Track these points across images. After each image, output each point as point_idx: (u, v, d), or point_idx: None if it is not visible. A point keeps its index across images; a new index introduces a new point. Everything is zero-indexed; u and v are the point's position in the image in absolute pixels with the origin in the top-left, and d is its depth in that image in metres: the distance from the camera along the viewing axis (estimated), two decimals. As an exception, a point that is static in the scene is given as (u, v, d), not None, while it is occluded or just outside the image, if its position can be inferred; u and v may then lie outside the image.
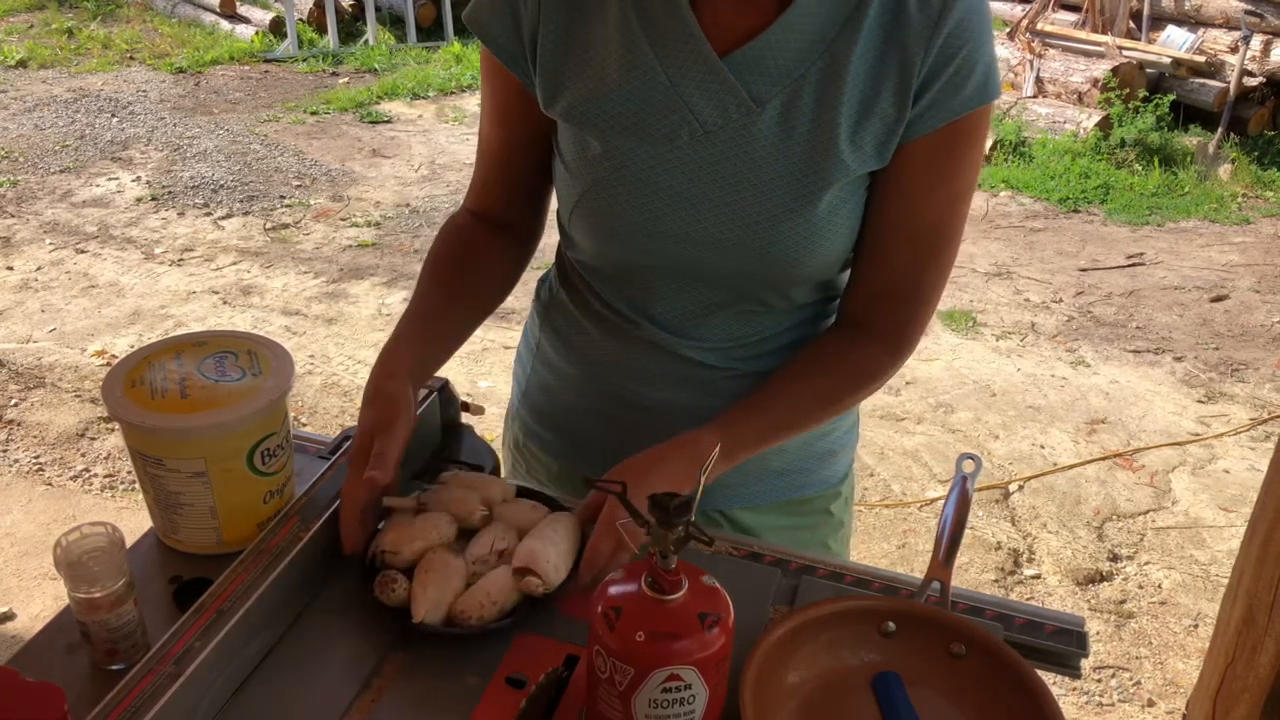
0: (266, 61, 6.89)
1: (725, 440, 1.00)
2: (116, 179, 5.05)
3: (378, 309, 3.96)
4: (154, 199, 4.85)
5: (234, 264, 4.29)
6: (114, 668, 0.92)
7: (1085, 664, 1.04)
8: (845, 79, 0.97)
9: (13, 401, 3.35)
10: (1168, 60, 5.98)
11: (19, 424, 3.24)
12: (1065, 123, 5.77)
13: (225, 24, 7.36)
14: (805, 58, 0.97)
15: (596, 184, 1.05)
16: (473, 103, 6.32)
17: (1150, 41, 6.28)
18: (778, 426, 1.07)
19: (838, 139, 0.98)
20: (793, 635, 0.94)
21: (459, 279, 1.15)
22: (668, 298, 1.12)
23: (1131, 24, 6.43)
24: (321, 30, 7.20)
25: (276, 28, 7.18)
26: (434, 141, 5.70)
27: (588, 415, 1.23)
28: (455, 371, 3.55)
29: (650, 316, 1.14)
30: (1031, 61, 6.16)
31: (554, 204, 1.18)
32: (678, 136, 1.00)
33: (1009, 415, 3.39)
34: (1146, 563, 2.81)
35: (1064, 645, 1.02)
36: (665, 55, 0.99)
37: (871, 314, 1.09)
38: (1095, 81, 5.86)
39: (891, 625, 0.97)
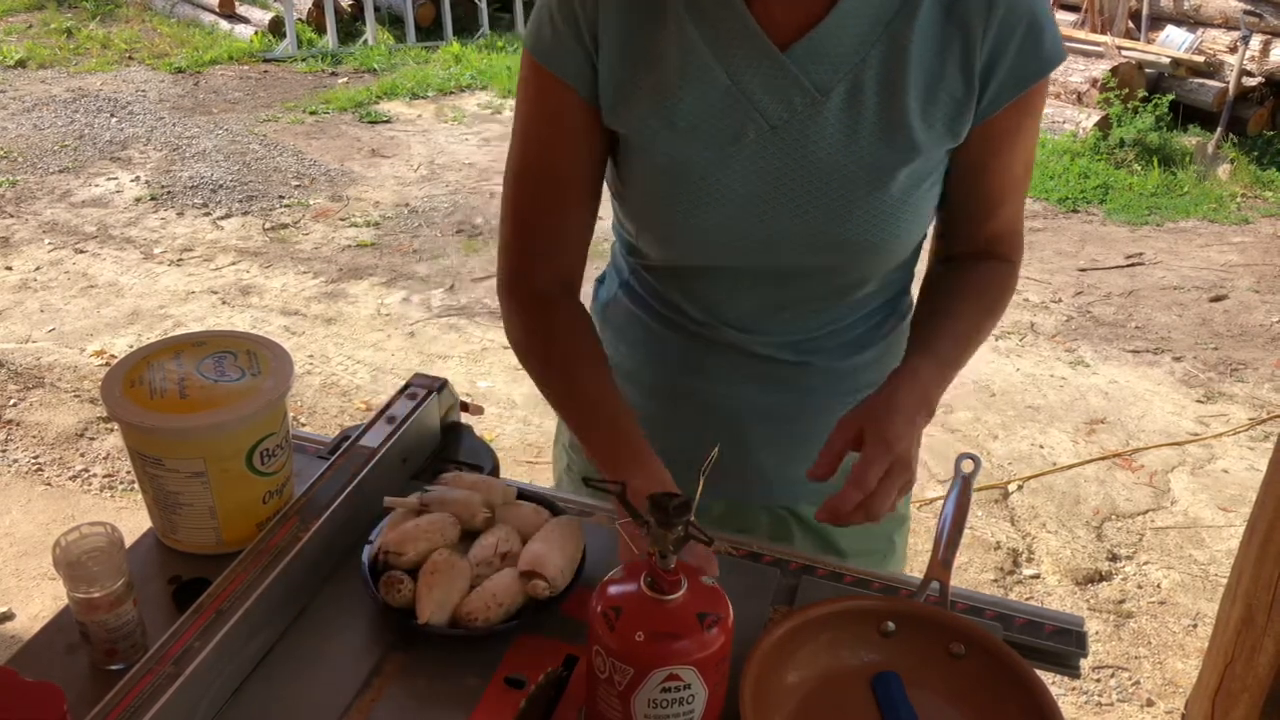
0: (266, 61, 6.89)
1: (938, 359, 1.02)
2: (115, 179, 5.05)
3: (377, 309, 3.96)
4: (153, 199, 4.84)
5: (233, 264, 4.29)
6: (113, 668, 0.92)
7: (1084, 664, 1.04)
8: (909, 59, 0.97)
9: (12, 401, 3.34)
10: (1167, 60, 5.98)
11: (18, 424, 3.24)
12: (1064, 122, 5.77)
13: (224, 24, 7.36)
14: (864, 42, 0.97)
15: (664, 194, 1.03)
16: (471, 102, 6.32)
17: (1149, 41, 6.28)
18: (963, 342, 1.07)
19: (908, 119, 0.98)
20: (792, 635, 0.94)
21: (603, 373, 1.10)
22: (740, 297, 1.11)
23: (1130, 24, 6.43)
24: (320, 30, 7.20)
25: (275, 28, 7.18)
26: (433, 141, 5.70)
27: (647, 415, 1.23)
28: (455, 372, 3.55)
29: (721, 317, 1.13)
30: (1031, 61, 6.14)
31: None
32: (744, 135, 0.99)
33: (1008, 415, 3.39)
34: (1146, 562, 2.81)
35: (1063, 645, 1.03)
36: (724, 54, 0.98)
37: (984, 245, 1.13)
38: (1094, 81, 5.86)
39: (891, 625, 0.97)
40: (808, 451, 1.16)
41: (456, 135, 5.81)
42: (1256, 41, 5.86)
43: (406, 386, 1.24)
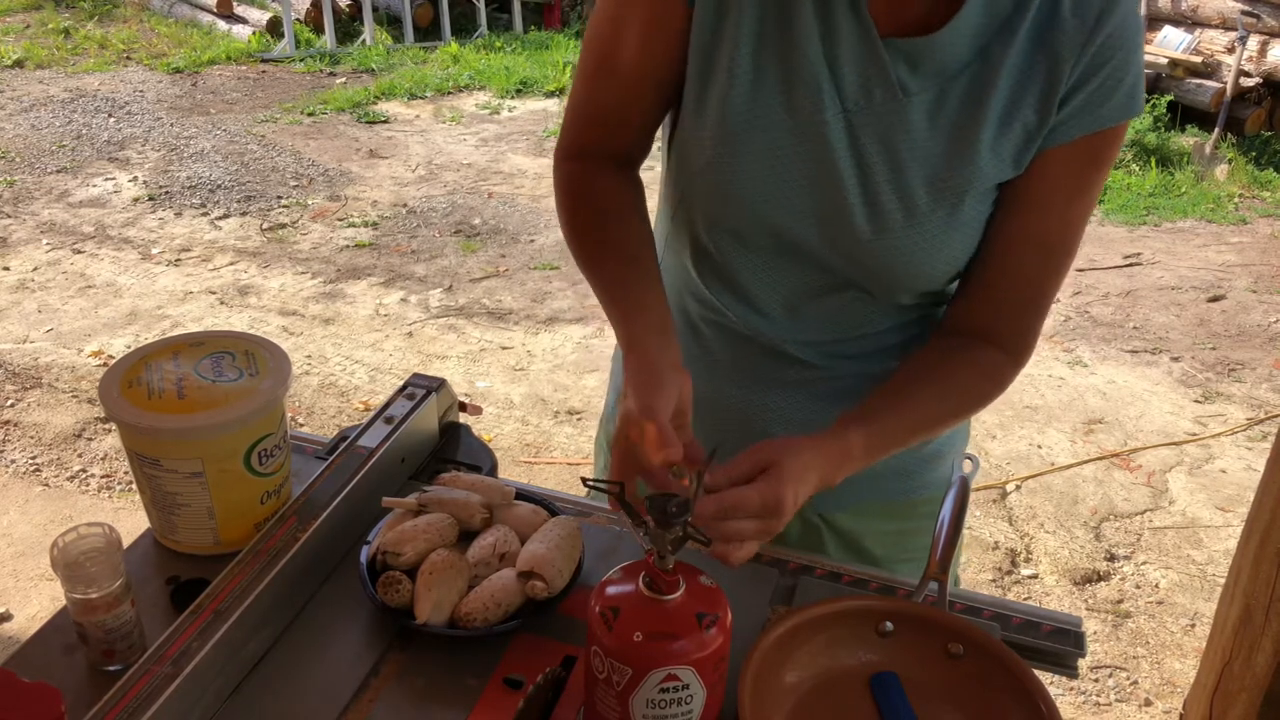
0: (264, 61, 6.88)
1: (869, 438, 0.97)
2: (113, 179, 5.04)
3: (375, 309, 3.96)
4: (151, 199, 4.84)
5: (231, 264, 4.29)
6: (111, 668, 0.92)
7: (1082, 664, 1.04)
8: (996, 83, 0.95)
9: (9, 402, 3.34)
10: (1164, 61, 5.98)
11: (16, 424, 3.24)
12: (1062, 123, 5.77)
13: (222, 24, 7.36)
14: (960, 58, 0.95)
15: (729, 146, 1.00)
16: (469, 103, 6.32)
17: (1147, 42, 6.29)
18: (910, 429, 1.03)
19: (979, 144, 0.96)
20: (791, 635, 0.94)
21: (630, 248, 1.07)
22: (772, 278, 1.08)
23: (1128, 24, 6.43)
24: (319, 30, 7.19)
25: (274, 28, 7.17)
26: (431, 142, 5.69)
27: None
28: (453, 372, 3.55)
29: (751, 302, 1.11)
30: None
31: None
32: (817, 109, 0.97)
33: (1006, 415, 3.39)
34: (1144, 562, 2.81)
35: (1061, 645, 1.03)
36: (825, 18, 0.95)
37: (993, 321, 1.06)
38: (1092, 82, 5.86)
39: (889, 625, 0.97)
40: None
41: (454, 135, 5.81)
42: (1254, 42, 5.87)
43: (405, 387, 1.24)
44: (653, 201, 1.12)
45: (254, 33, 7.16)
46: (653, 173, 1.09)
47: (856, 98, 0.97)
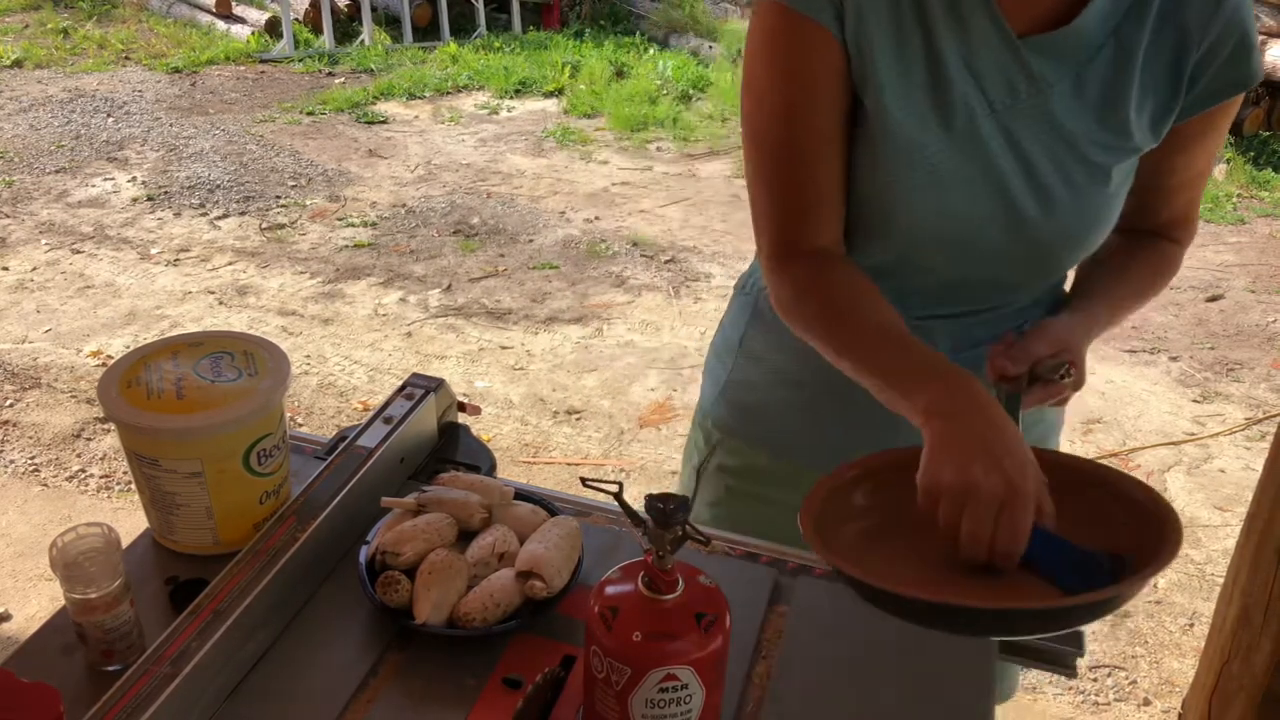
0: (262, 62, 6.88)
1: (1108, 305, 1.10)
2: (112, 179, 5.04)
3: (374, 309, 3.96)
4: (150, 199, 4.84)
5: (230, 264, 4.29)
6: (110, 669, 0.92)
7: (1081, 663, 1.04)
8: (1134, 62, 1.00)
9: (8, 402, 3.34)
10: (1163, 60, 5.98)
11: (14, 425, 3.24)
12: (1061, 123, 5.78)
13: (221, 24, 7.35)
14: (1094, 42, 0.99)
15: (891, 169, 1.02)
16: (469, 103, 6.31)
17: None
18: (1122, 301, 1.13)
19: (1127, 120, 1.01)
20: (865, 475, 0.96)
21: (885, 320, 1.02)
22: (916, 282, 1.11)
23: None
24: (317, 30, 7.19)
25: (272, 28, 7.17)
26: (430, 142, 5.69)
27: (793, 408, 1.23)
28: (452, 372, 3.54)
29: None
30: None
31: None
32: (964, 114, 1.01)
33: (1005, 415, 3.39)
34: (1142, 562, 2.81)
35: (1060, 645, 1.03)
36: (959, 28, 0.99)
37: (1157, 231, 1.17)
38: (1091, 82, 5.86)
39: None
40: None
41: (453, 135, 5.80)
42: (1252, 42, 5.87)
43: (404, 386, 1.24)
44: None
45: (253, 33, 7.16)
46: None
47: (1002, 97, 1.00)
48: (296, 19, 7.19)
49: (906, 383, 0.94)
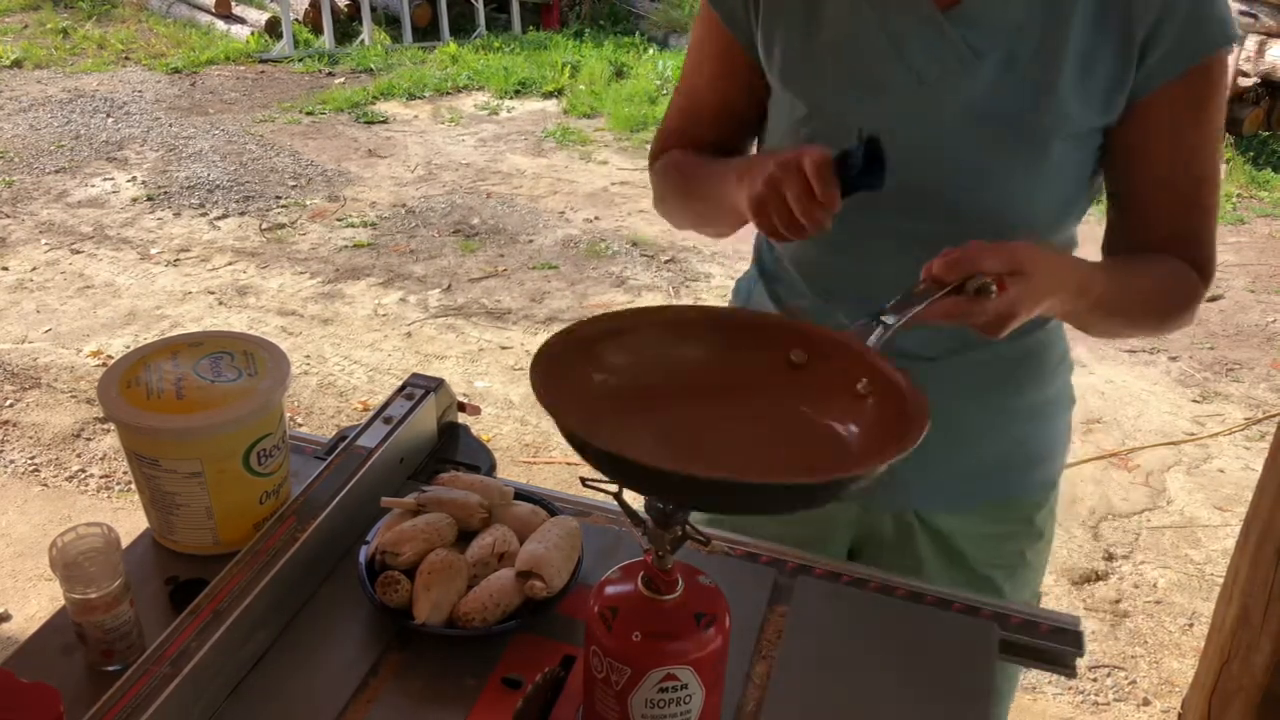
0: (262, 62, 6.88)
1: (1110, 283, 0.99)
2: (112, 179, 5.04)
3: (374, 309, 3.96)
4: (149, 199, 4.84)
5: (230, 264, 4.28)
6: (110, 669, 0.92)
7: (1081, 663, 1.04)
8: (1069, 30, 0.97)
9: (8, 402, 3.34)
10: (1163, 60, 5.98)
11: (14, 425, 3.24)
12: (1061, 123, 5.78)
13: (221, 24, 7.35)
14: (1026, 9, 0.98)
15: (807, 140, 1.05)
16: (468, 103, 6.31)
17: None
18: (1136, 296, 1.04)
19: (1060, 90, 0.98)
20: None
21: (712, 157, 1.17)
22: (870, 270, 1.09)
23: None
24: (317, 30, 7.19)
25: (272, 28, 7.17)
26: (430, 142, 5.69)
27: None
28: (452, 372, 3.54)
29: (851, 299, 1.11)
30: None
31: None
32: (892, 89, 1.02)
33: (1005, 415, 3.39)
34: (1142, 562, 2.81)
35: (1060, 645, 1.03)
36: (884, 7, 1.01)
37: (1170, 251, 1.07)
38: (1090, 82, 5.86)
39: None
40: (942, 453, 1.11)
41: (453, 136, 5.80)
42: (1252, 42, 5.87)
43: (403, 386, 1.24)
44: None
45: (252, 33, 7.16)
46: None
47: (930, 70, 1.01)
48: (296, 19, 7.19)
49: (728, 175, 1.04)
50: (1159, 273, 1.06)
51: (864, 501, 1.20)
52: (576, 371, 0.84)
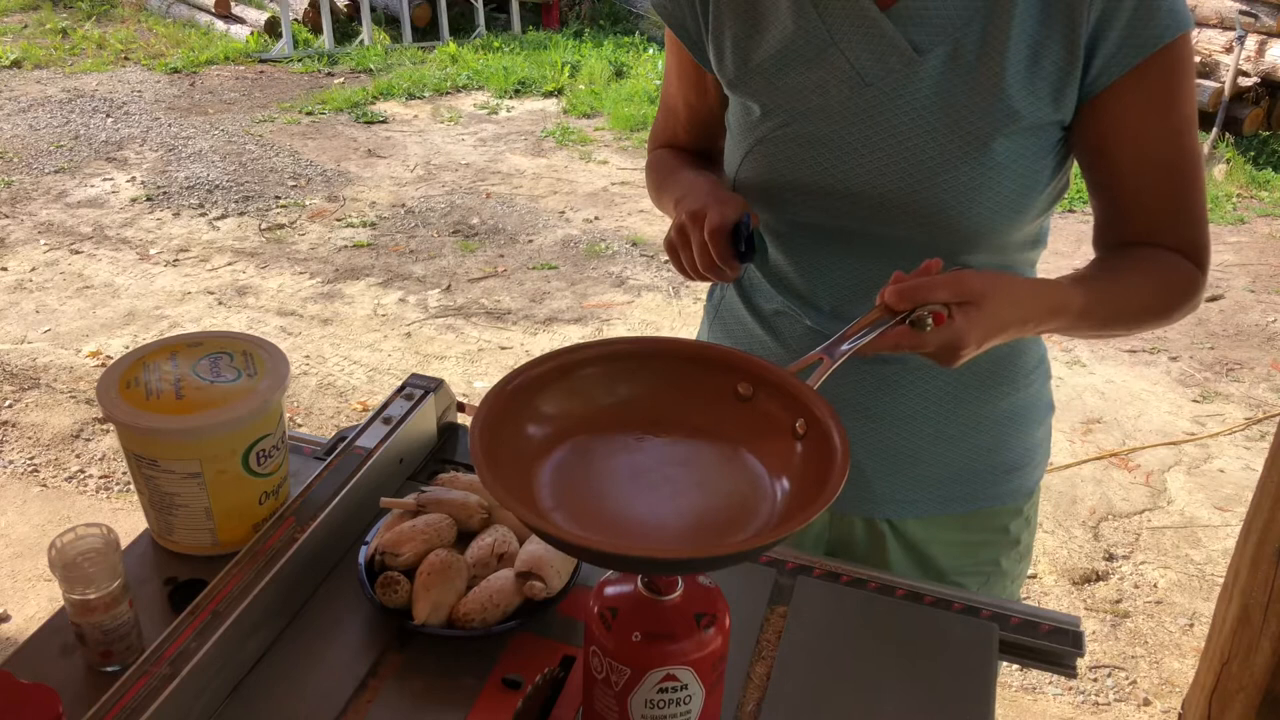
0: (261, 62, 6.88)
1: (1089, 297, 0.98)
2: (111, 179, 5.04)
3: (373, 309, 3.96)
4: (149, 199, 4.84)
5: (229, 264, 4.28)
6: (109, 669, 0.92)
7: (1081, 663, 1.04)
8: (1011, 25, 0.97)
9: (7, 402, 3.34)
10: (1162, 60, 5.98)
11: (14, 425, 3.23)
12: (1060, 123, 5.77)
13: (220, 24, 7.35)
14: (968, 5, 0.98)
15: (759, 142, 1.08)
16: (468, 103, 6.32)
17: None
18: (1121, 307, 1.03)
19: (1005, 86, 0.98)
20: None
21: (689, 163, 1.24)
22: (828, 272, 1.11)
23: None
24: (317, 30, 7.19)
25: (271, 28, 7.17)
26: (429, 142, 5.69)
27: None
28: (451, 372, 3.54)
29: (813, 302, 1.13)
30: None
31: None
32: (837, 89, 1.02)
33: (1005, 415, 3.39)
34: (1142, 562, 2.81)
35: (1060, 645, 1.03)
36: (825, 9, 1.02)
37: (1160, 242, 1.05)
38: (1090, 81, 5.86)
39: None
40: (911, 459, 1.14)
41: (453, 135, 5.80)
42: (1252, 41, 5.87)
43: (403, 387, 1.24)
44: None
45: (252, 33, 7.16)
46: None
47: (873, 69, 1.01)
48: (296, 19, 7.19)
49: (673, 196, 1.14)
50: (1147, 269, 1.04)
51: (832, 507, 1.20)
52: (515, 429, 0.84)
